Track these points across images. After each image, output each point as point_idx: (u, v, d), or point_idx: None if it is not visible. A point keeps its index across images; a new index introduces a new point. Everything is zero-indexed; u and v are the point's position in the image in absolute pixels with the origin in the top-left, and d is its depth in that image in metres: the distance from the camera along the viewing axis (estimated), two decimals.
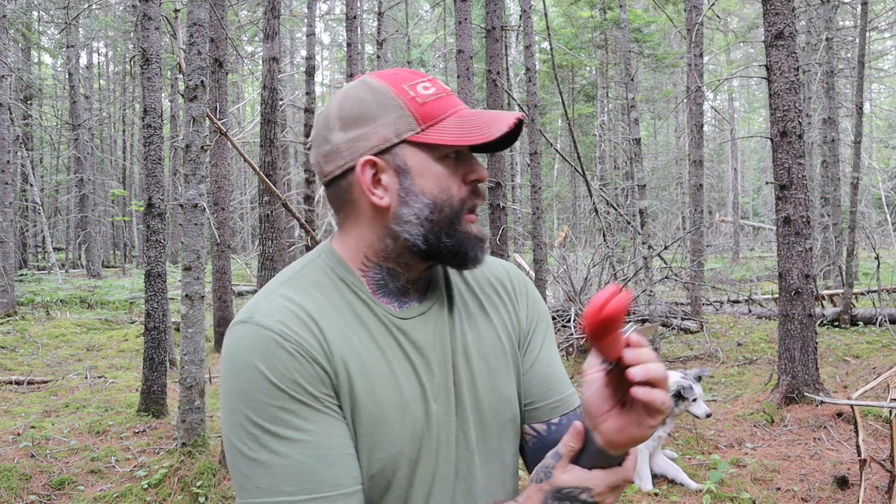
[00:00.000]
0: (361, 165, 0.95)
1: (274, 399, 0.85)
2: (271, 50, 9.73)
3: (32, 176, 18.61)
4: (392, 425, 0.92)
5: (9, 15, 14.69)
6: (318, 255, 1.01)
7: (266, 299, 0.93)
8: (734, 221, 23.78)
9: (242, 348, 0.88)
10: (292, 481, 0.85)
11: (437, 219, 0.95)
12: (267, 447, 0.85)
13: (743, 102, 37.80)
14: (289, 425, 0.85)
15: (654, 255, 8.33)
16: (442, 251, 0.96)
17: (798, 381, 5.43)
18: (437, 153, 0.95)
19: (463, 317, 1.04)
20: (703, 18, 10.97)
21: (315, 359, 0.88)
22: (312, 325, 0.90)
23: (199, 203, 4.41)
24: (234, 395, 0.87)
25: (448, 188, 0.96)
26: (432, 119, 0.95)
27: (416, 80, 0.98)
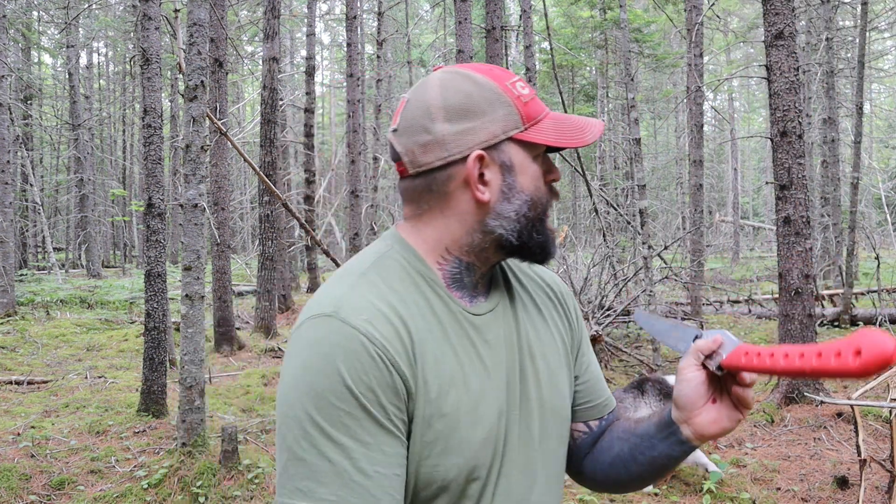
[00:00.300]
0: (474, 159, 0.95)
1: (343, 402, 0.84)
2: (271, 50, 9.73)
3: (32, 176, 18.61)
4: (465, 430, 0.92)
5: (9, 15, 14.69)
6: (390, 247, 0.99)
7: (351, 293, 0.91)
8: (734, 221, 23.78)
9: (325, 344, 0.86)
10: (337, 491, 0.83)
11: (532, 215, 0.98)
12: (319, 450, 0.84)
13: (743, 102, 37.80)
14: (349, 433, 0.84)
15: (654, 255, 8.33)
16: (533, 246, 0.99)
17: (798, 381, 5.43)
18: (533, 152, 0.98)
19: (524, 315, 1.06)
20: (703, 18, 10.97)
21: (397, 366, 0.87)
22: (400, 326, 0.89)
23: (199, 203, 4.41)
24: (301, 391, 0.85)
25: (540, 186, 0.99)
26: (533, 118, 0.97)
27: (513, 79, 0.99)
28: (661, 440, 1.02)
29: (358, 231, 11.80)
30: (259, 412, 5.86)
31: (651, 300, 6.39)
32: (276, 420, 0.91)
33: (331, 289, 0.92)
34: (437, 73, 1.01)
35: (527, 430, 1.00)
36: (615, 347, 7.54)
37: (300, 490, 0.84)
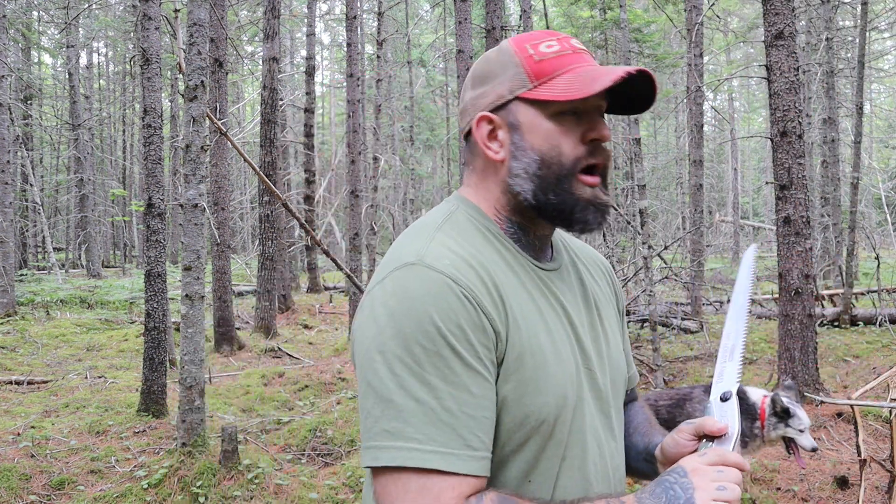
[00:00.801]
0: (477, 121, 1.00)
1: (431, 343, 0.84)
2: (271, 50, 9.73)
3: (32, 176, 18.61)
4: (553, 370, 0.93)
5: (9, 15, 14.69)
6: (456, 207, 1.02)
7: (430, 244, 0.93)
8: (734, 221, 23.78)
9: (413, 289, 0.87)
10: (424, 429, 0.82)
11: (544, 174, 0.97)
12: (407, 390, 0.83)
13: (743, 102, 37.80)
14: (437, 373, 0.83)
15: (654, 255, 8.33)
16: (548, 208, 0.98)
17: (798, 381, 5.43)
18: (549, 110, 0.96)
19: (589, 281, 1.11)
20: (703, 18, 10.97)
21: (483, 307, 0.88)
22: (482, 271, 0.91)
23: (199, 203, 4.41)
24: (389, 334, 0.85)
25: (558, 145, 0.97)
26: (546, 76, 0.97)
27: (543, 39, 1.00)
28: (642, 461, 1.12)
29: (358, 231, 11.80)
30: (259, 412, 5.86)
31: (651, 300, 6.38)
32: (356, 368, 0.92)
33: (408, 243, 0.94)
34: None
35: (602, 384, 1.04)
36: None
37: (387, 431, 0.83)
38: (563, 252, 1.10)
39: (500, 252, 0.98)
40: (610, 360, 1.07)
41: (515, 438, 0.91)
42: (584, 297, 1.07)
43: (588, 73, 0.95)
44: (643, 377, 7.01)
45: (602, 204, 0.99)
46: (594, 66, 0.97)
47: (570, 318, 1.01)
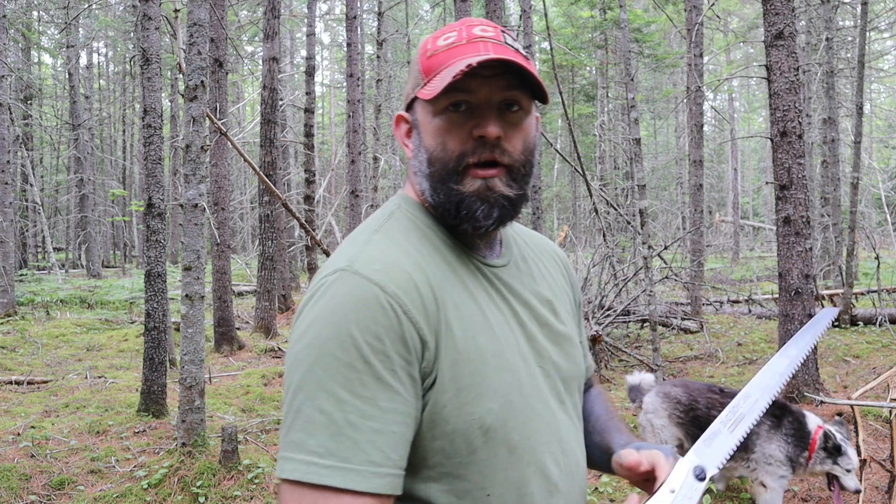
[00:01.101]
0: (395, 121, 1.02)
1: (345, 352, 0.82)
2: (271, 50, 9.72)
3: (32, 176, 18.61)
4: (495, 374, 0.90)
5: (9, 15, 14.69)
6: (398, 205, 1.00)
7: (365, 247, 0.90)
8: (734, 221, 23.78)
9: (335, 296, 0.85)
10: (326, 442, 0.80)
11: (431, 172, 0.94)
12: (314, 400, 0.81)
13: (743, 102, 37.80)
14: (347, 384, 0.81)
15: (654, 255, 8.33)
16: (439, 207, 0.95)
17: (798, 381, 5.43)
18: (435, 107, 0.93)
19: (540, 275, 1.07)
20: (703, 18, 10.97)
21: (410, 314, 0.85)
22: (416, 274, 0.88)
23: (199, 203, 4.41)
24: (307, 342, 0.84)
25: (443, 142, 0.93)
26: (432, 72, 0.94)
27: (445, 32, 0.97)
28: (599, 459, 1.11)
29: None
30: (259, 412, 5.86)
31: (651, 300, 6.39)
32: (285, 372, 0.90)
33: (345, 247, 0.92)
34: None
35: (556, 383, 1.00)
36: (615, 347, 7.54)
37: (293, 442, 0.82)
38: (514, 246, 1.06)
39: (442, 251, 0.94)
40: (565, 356, 1.04)
41: (463, 449, 0.88)
42: (535, 292, 1.03)
43: (454, 68, 0.90)
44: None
45: (496, 197, 0.92)
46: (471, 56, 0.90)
47: (519, 315, 0.98)
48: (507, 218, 0.95)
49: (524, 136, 0.95)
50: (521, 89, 0.93)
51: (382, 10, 15.57)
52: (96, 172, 23.08)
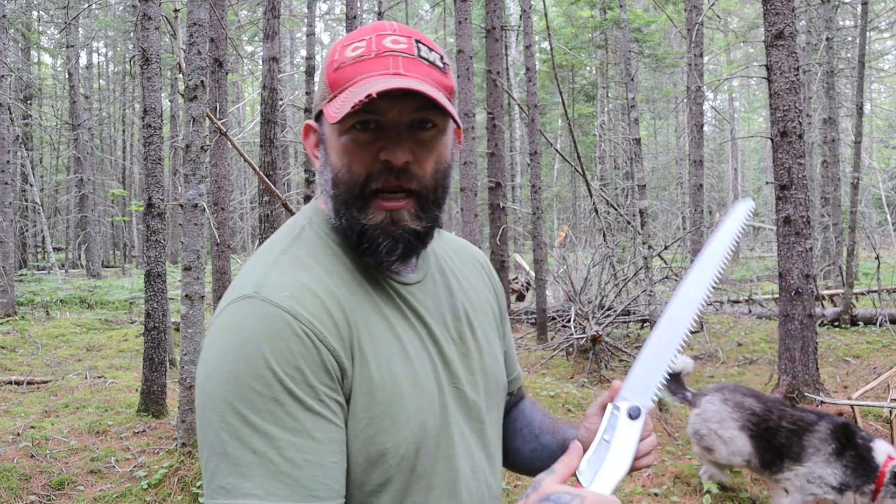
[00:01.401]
0: (304, 130, 0.96)
1: (267, 388, 0.76)
2: (271, 50, 9.72)
3: (32, 176, 18.61)
4: (409, 400, 0.86)
5: (9, 15, 14.69)
6: (308, 220, 0.94)
7: (273, 270, 0.85)
8: None
9: (245, 326, 0.79)
10: (264, 484, 0.75)
11: (336, 194, 0.88)
12: (242, 441, 0.76)
13: (743, 102, 37.80)
14: (274, 420, 0.76)
15: (654, 255, 8.33)
16: (344, 231, 0.89)
17: (798, 382, 5.43)
18: (342, 125, 0.86)
19: (458, 287, 1.03)
20: (703, 18, 10.97)
21: (326, 342, 0.81)
22: (328, 300, 0.83)
23: (199, 203, 4.41)
24: (221, 380, 0.78)
25: (349, 164, 0.87)
26: (339, 87, 0.87)
27: (354, 40, 0.89)
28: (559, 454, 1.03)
29: None
30: None
31: (651, 300, 6.38)
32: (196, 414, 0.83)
33: (251, 269, 0.86)
34: None
35: (474, 402, 0.97)
36: (615, 347, 7.54)
37: (223, 488, 0.76)
38: (431, 257, 1.01)
39: (353, 272, 0.89)
40: (483, 373, 1.00)
41: (374, 478, 0.84)
42: (452, 308, 0.99)
43: (359, 90, 0.83)
44: None
45: (401, 232, 0.87)
46: (378, 78, 0.84)
47: (434, 335, 0.93)
48: (413, 253, 0.90)
49: (437, 157, 0.89)
50: (433, 109, 0.86)
51: (382, 10, 15.57)
52: (96, 172, 23.08)
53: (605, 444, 0.91)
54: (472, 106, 8.63)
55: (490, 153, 8.98)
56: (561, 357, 7.43)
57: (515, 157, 20.99)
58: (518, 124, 21.43)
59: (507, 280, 10.13)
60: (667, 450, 4.64)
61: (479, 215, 8.97)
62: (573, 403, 5.23)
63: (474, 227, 8.50)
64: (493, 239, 8.87)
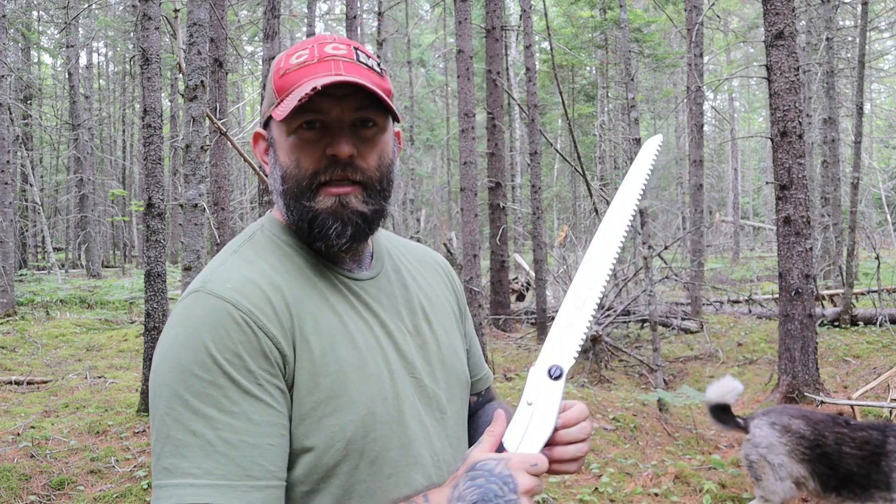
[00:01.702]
0: (253, 139, 1.01)
1: (207, 372, 0.81)
2: (271, 50, 9.72)
3: (32, 176, 18.61)
4: (355, 385, 0.89)
5: (9, 15, 14.69)
6: (261, 225, 1.00)
7: (220, 268, 0.91)
8: (734, 221, 23.78)
9: (191, 317, 0.85)
10: (201, 463, 0.79)
11: (285, 189, 0.94)
12: (183, 424, 0.81)
13: (743, 102, 37.80)
14: (213, 403, 0.81)
15: (654, 255, 8.33)
16: (294, 224, 0.96)
17: (798, 381, 5.43)
18: (289, 126, 0.93)
19: (414, 285, 1.07)
20: (703, 18, 10.97)
21: (265, 329, 0.85)
22: (270, 291, 0.88)
23: (199, 203, 4.41)
24: (167, 367, 0.84)
25: (297, 160, 0.93)
26: (284, 91, 0.94)
27: (298, 49, 0.96)
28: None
29: None
30: None
31: (651, 300, 6.38)
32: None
33: (204, 270, 0.93)
34: None
35: (433, 392, 0.99)
36: (615, 347, 7.54)
37: (166, 468, 0.80)
38: (385, 258, 1.06)
39: (302, 269, 0.94)
40: (442, 364, 1.02)
41: (324, 463, 0.87)
42: (408, 303, 1.03)
43: (304, 89, 0.90)
44: (643, 377, 7.00)
45: (349, 214, 0.92)
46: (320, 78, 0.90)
47: (387, 326, 0.97)
48: (362, 236, 0.95)
49: (379, 152, 0.95)
50: (373, 108, 0.93)
51: (382, 10, 15.57)
52: (96, 172, 23.08)
53: (528, 407, 0.92)
54: (472, 106, 8.64)
55: (490, 153, 8.98)
56: None
57: (515, 157, 20.99)
58: (518, 124, 21.44)
59: (507, 280, 10.13)
60: (667, 450, 4.64)
61: (479, 215, 8.98)
62: None
63: (474, 227, 8.51)
64: (493, 239, 8.87)
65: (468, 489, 0.83)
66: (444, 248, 12.70)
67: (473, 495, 0.82)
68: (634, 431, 4.89)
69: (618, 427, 4.92)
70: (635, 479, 4.09)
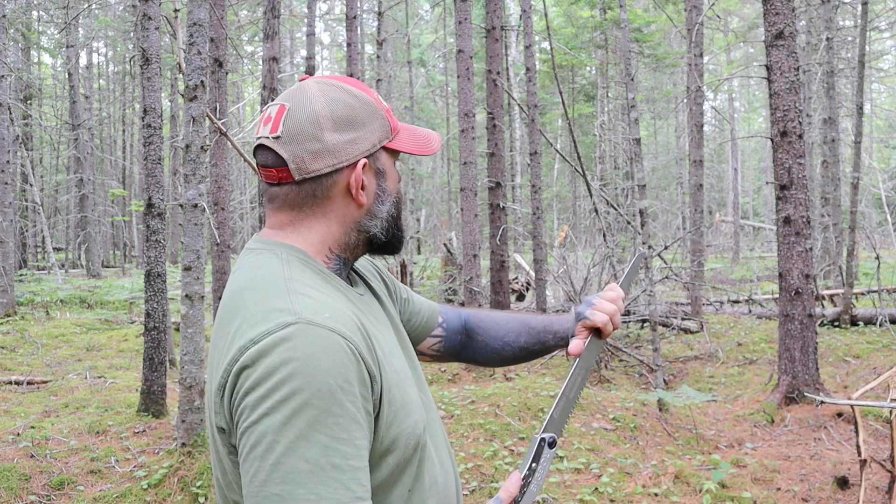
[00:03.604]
0: (362, 167, 1.03)
1: (324, 401, 0.85)
2: (271, 50, 9.72)
3: (32, 176, 18.60)
4: (410, 389, 1.03)
5: (9, 15, 14.69)
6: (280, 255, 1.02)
7: (297, 298, 0.92)
8: (734, 221, 23.78)
9: (303, 349, 0.86)
10: (316, 489, 0.84)
11: (396, 214, 1.10)
12: (297, 452, 0.84)
13: (743, 102, 37.80)
14: (327, 430, 0.85)
15: (654, 255, 8.33)
16: (395, 242, 1.11)
17: (798, 381, 5.43)
18: (394, 158, 1.10)
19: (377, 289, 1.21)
20: (703, 18, 10.97)
21: (363, 356, 0.91)
22: (351, 315, 0.94)
23: (199, 203, 4.41)
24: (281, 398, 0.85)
25: (399, 188, 1.12)
26: (396, 129, 1.09)
27: (377, 93, 1.16)
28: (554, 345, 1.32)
29: None
30: None
31: (651, 300, 6.38)
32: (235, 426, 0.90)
33: (269, 303, 0.92)
34: (311, 83, 1.05)
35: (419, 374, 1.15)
36: (615, 347, 7.54)
37: (276, 495, 0.83)
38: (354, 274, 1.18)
39: (339, 289, 1.02)
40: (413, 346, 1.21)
41: (403, 459, 0.97)
42: (387, 313, 1.16)
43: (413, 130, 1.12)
44: (643, 377, 7.00)
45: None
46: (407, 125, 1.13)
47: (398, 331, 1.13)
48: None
49: None
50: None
51: (382, 10, 15.56)
52: (96, 172, 23.07)
53: (530, 472, 1.08)
54: (472, 106, 8.63)
55: (490, 153, 8.98)
56: (561, 357, 7.43)
57: (515, 157, 20.98)
58: (518, 124, 21.44)
59: (507, 280, 10.13)
60: (667, 450, 4.64)
61: (479, 215, 8.97)
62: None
63: (474, 227, 8.51)
64: (493, 239, 8.87)
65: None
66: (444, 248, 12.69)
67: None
68: (634, 431, 4.89)
69: (618, 427, 4.92)
70: (635, 479, 4.09)
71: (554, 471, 4.20)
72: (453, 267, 11.38)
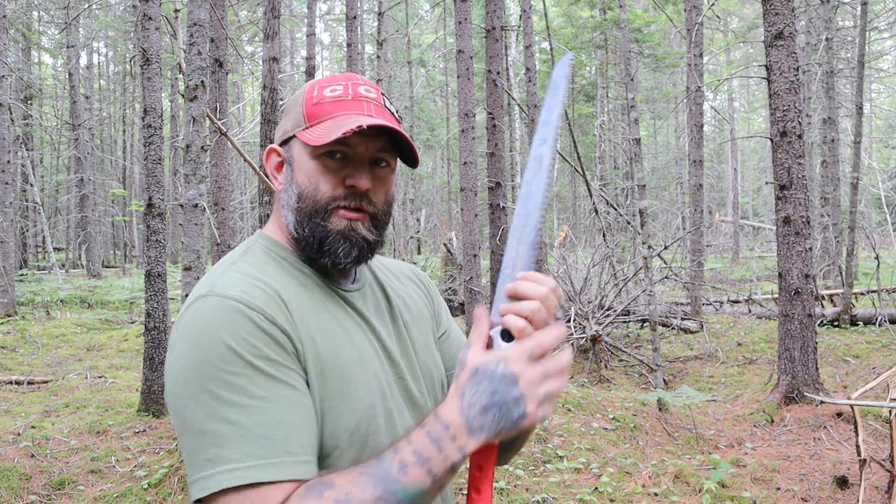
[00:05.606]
0: (267, 152, 1.10)
1: (229, 364, 0.86)
2: (271, 50, 9.72)
3: (32, 176, 18.60)
4: (358, 380, 0.97)
5: (9, 15, 14.69)
6: (254, 241, 1.07)
7: (222, 276, 0.96)
8: (734, 221, 23.78)
9: (205, 319, 0.89)
10: (242, 448, 0.83)
11: (300, 207, 1.02)
12: (217, 415, 0.84)
13: (743, 102, 37.80)
14: (242, 391, 0.85)
15: (654, 255, 8.33)
16: (303, 240, 1.03)
17: (798, 381, 5.43)
18: (312, 151, 1.02)
19: (394, 295, 1.17)
20: (703, 18, 10.98)
21: (276, 322, 0.90)
22: (273, 294, 0.94)
23: (199, 203, 4.41)
24: (191, 368, 0.87)
25: (316, 184, 1.01)
26: (317, 119, 1.03)
27: (331, 84, 1.05)
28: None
29: None
30: None
31: (651, 300, 6.39)
32: (169, 408, 0.92)
33: (204, 280, 0.98)
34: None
35: (416, 394, 1.08)
36: (615, 347, 7.55)
37: (208, 460, 0.84)
38: (367, 273, 1.15)
39: (297, 277, 1.02)
40: (422, 368, 1.11)
41: (329, 451, 0.94)
42: (390, 311, 1.12)
43: (342, 122, 0.98)
44: (643, 377, 7.01)
45: (358, 238, 1.02)
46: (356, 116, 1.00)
47: (377, 331, 1.06)
48: (364, 259, 1.04)
49: (387, 189, 1.06)
50: (391, 151, 1.04)
51: (382, 10, 15.57)
52: (96, 172, 23.08)
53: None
54: (472, 106, 8.63)
55: (490, 153, 8.99)
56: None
57: (515, 157, 20.99)
58: (518, 124, 21.44)
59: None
60: (667, 449, 4.64)
61: (479, 215, 8.98)
62: (573, 403, 5.23)
63: (474, 227, 8.52)
64: (493, 239, 8.87)
65: (475, 395, 0.85)
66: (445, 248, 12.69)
67: (483, 399, 0.84)
68: (634, 431, 4.89)
69: (618, 427, 4.92)
70: (635, 479, 4.09)
71: (554, 470, 4.20)
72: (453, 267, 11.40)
